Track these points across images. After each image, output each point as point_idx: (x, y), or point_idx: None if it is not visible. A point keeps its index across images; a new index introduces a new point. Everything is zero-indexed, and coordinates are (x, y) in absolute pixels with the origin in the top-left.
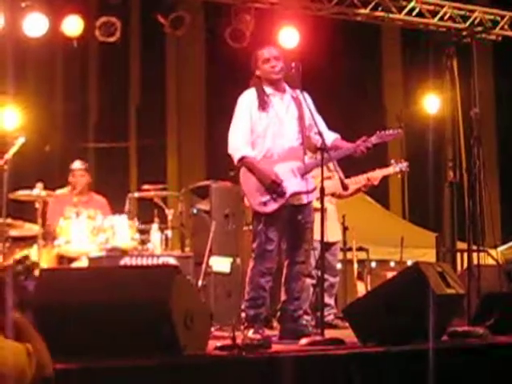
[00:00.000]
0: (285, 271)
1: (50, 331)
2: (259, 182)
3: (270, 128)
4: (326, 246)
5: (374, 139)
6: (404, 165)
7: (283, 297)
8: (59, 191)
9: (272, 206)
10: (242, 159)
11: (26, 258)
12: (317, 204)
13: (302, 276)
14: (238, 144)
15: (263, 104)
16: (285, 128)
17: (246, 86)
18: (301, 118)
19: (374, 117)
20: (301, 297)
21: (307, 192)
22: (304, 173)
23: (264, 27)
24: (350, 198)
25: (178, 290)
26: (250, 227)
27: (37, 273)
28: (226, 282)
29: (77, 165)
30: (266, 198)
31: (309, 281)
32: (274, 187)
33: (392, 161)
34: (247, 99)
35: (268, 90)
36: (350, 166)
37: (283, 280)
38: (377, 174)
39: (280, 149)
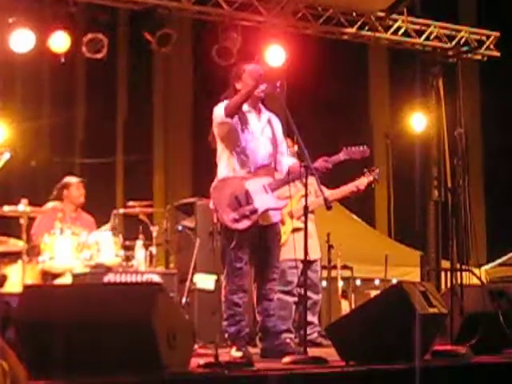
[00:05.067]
0: (255, 291)
1: (33, 348)
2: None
3: (247, 145)
4: (308, 264)
5: (341, 155)
6: (376, 171)
7: (259, 317)
8: (50, 204)
9: (245, 223)
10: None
11: None
12: (298, 224)
13: (274, 292)
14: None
15: (242, 121)
16: (259, 146)
17: None
18: (274, 139)
19: (361, 135)
20: (276, 313)
21: (279, 208)
22: (275, 189)
23: (251, 45)
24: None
25: (161, 308)
26: None
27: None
28: (210, 300)
29: (78, 179)
30: (239, 214)
31: (290, 299)
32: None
33: (365, 170)
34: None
35: (245, 106)
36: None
37: (255, 301)
38: (351, 187)
39: (253, 165)
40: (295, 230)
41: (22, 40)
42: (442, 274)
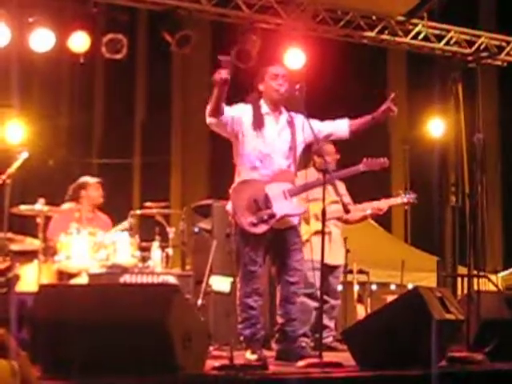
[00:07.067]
0: (278, 294)
1: (47, 347)
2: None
3: (260, 148)
4: (330, 269)
5: (361, 167)
6: (412, 196)
7: (280, 320)
8: (66, 205)
9: (262, 228)
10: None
11: (8, 269)
12: (319, 226)
13: (297, 296)
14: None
15: (257, 123)
16: (275, 149)
17: None
18: (293, 142)
19: (378, 139)
20: (297, 317)
21: (298, 214)
22: (294, 194)
23: (270, 48)
24: (356, 224)
25: (177, 310)
26: None
27: (18, 285)
28: (226, 302)
29: (96, 179)
30: (257, 218)
31: (312, 303)
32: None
33: (400, 191)
34: (242, 109)
35: (265, 108)
36: (356, 192)
37: (278, 303)
38: (383, 204)
39: (270, 169)
40: (318, 232)
41: (41, 39)
42: (459, 279)
